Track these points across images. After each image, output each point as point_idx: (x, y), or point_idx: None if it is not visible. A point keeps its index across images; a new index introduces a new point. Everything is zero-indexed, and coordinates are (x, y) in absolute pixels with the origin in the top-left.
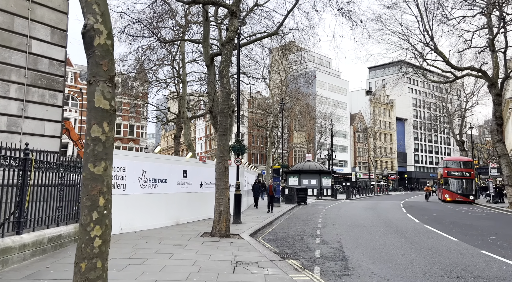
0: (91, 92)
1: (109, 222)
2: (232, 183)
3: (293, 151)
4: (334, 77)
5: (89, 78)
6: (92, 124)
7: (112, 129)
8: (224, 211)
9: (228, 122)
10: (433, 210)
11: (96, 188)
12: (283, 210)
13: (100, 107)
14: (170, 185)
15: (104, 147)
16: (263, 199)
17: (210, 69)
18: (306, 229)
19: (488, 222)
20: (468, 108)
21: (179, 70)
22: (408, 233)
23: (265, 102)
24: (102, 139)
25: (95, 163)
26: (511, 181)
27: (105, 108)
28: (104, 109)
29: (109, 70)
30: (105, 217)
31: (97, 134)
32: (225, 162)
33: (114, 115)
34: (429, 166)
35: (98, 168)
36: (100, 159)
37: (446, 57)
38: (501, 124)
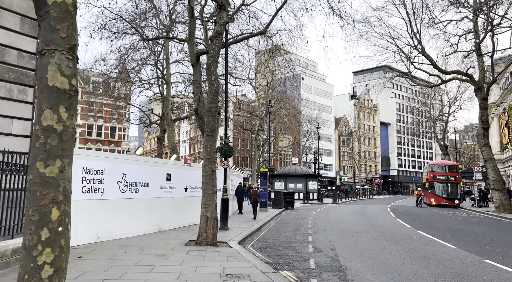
0: (43, 66)
1: (66, 243)
2: (219, 187)
3: (279, 155)
4: (319, 81)
5: (41, 47)
6: (43, 109)
7: (72, 117)
8: (211, 217)
9: (216, 122)
10: (421, 215)
11: (47, 195)
12: (271, 214)
13: (56, 86)
14: (153, 189)
15: (60, 139)
16: (248, 203)
17: (196, 68)
18: (296, 235)
19: (479, 227)
20: (451, 113)
21: (163, 70)
22: (403, 240)
23: (251, 105)
24: (58, 130)
25: (47, 161)
26: (497, 185)
27: (63, 88)
28: (61, 89)
29: (68, 38)
30: (59, 236)
31: (50, 123)
32: (212, 164)
33: (75, 98)
34: (412, 170)
35: (51, 168)
36: (55, 156)
37: (433, 60)
38: (487, 129)
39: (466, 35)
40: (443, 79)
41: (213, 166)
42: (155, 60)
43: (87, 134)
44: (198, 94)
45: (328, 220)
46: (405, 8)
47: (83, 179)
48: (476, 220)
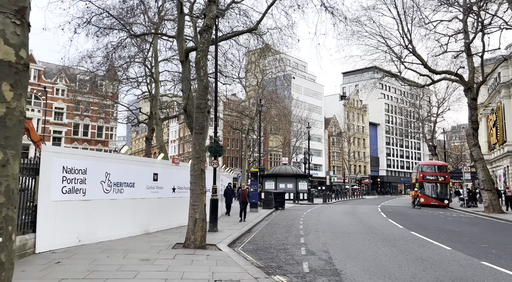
0: None
1: (8, 258)
2: (208, 187)
3: (269, 155)
4: (309, 82)
5: None
6: None
7: (20, 97)
8: (199, 219)
9: (205, 119)
10: (412, 215)
11: None
12: (262, 215)
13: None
14: (139, 189)
15: (2, 125)
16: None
17: (185, 66)
18: (288, 237)
19: (471, 227)
20: (439, 113)
21: (152, 68)
22: (397, 241)
23: (241, 105)
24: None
25: None
26: (486, 185)
27: (7, 60)
28: (5, 61)
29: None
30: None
31: None
32: (201, 163)
33: (25, 74)
34: (401, 170)
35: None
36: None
37: (424, 60)
38: (477, 129)
39: (456, 35)
40: (433, 79)
41: (202, 165)
42: (144, 58)
43: (73, 134)
44: (187, 91)
45: (319, 221)
46: (396, 8)
47: (63, 178)
48: (467, 220)
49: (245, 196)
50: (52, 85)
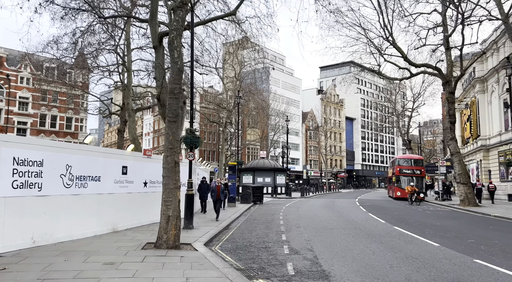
0: None
1: None
2: (183, 182)
3: (246, 148)
4: (287, 75)
5: None
6: None
7: None
8: (173, 216)
9: (179, 106)
10: (391, 209)
11: None
12: (240, 210)
13: None
14: (105, 183)
15: None
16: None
17: (158, 51)
18: (269, 233)
19: (452, 221)
20: (414, 108)
21: (124, 57)
22: (382, 237)
23: (218, 97)
24: None
25: None
26: (462, 178)
27: None
28: None
29: None
30: None
31: None
32: (175, 155)
33: None
34: (375, 164)
35: None
36: None
37: (404, 52)
38: (454, 122)
39: (435, 28)
40: (411, 73)
41: (176, 157)
42: (115, 45)
43: (40, 125)
44: (161, 79)
45: (299, 216)
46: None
47: (14, 171)
48: (445, 214)
49: (220, 192)
50: (16, 73)
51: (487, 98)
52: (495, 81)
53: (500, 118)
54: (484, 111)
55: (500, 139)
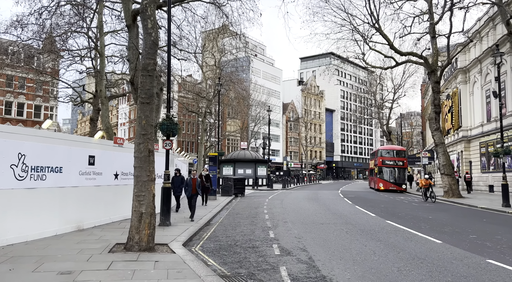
0: None
1: None
2: (159, 173)
3: (226, 140)
4: (268, 65)
5: None
6: None
7: None
8: (146, 213)
9: (153, 85)
10: (377, 201)
11: None
12: (221, 203)
13: None
14: (68, 175)
15: None
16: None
17: (132, 31)
18: (255, 230)
19: (442, 214)
20: (395, 99)
21: (96, 42)
22: (377, 233)
23: (197, 86)
24: None
25: None
26: (447, 169)
27: None
28: None
29: None
30: None
31: None
32: (148, 142)
33: None
34: (354, 156)
35: None
36: None
37: (390, 40)
38: (439, 113)
39: (422, 16)
40: (397, 62)
41: (150, 145)
42: (87, 27)
43: (5, 113)
44: (135, 61)
45: (285, 209)
46: None
47: None
48: (432, 206)
49: (196, 186)
50: None
51: (469, 89)
52: (477, 72)
53: (482, 109)
54: (466, 102)
55: (482, 130)
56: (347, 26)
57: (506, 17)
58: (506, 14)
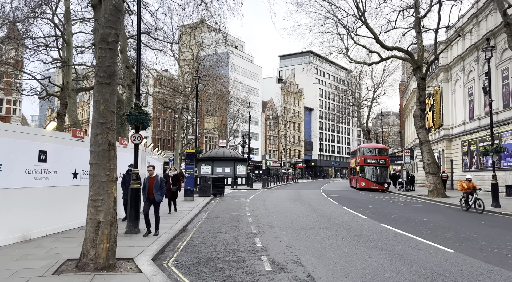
0: None
1: None
2: (122, 171)
3: (204, 137)
4: (247, 62)
5: None
6: None
7: None
8: (105, 222)
9: (115, 62)
10: (362, 201)
11: None
12: (199, 205)
13: None
14: (9, 174)
15: None
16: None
17: (98, 11)
18: (238, 237)
19: (437, 216)
20: (375, 98)
21: (63, 31)
22: (378, 240)
23: (173, 81)
24: None
25: None
26: (432, 168)
27: None
28: None
29: None
30: None
31: None
32: (108, 133)
33: None
34: (332, 155)
35: None
36: None
37: (376, 34)
38: (424, 110)
39: (408, 10)
40: (382, 57)
41: (111, 136)
42: (52, 14)
43: None
44: None
45: (269, 211)
46: None
47: None
48: (421, 207)
49: (153, 188)
50: None
51: (451, 87)
52: (460, 70)
53: (465, 107)
54: (447, 100)
55: (464, 128)
56: (332, 19)
57: (503, 7)
58: (503, 3)
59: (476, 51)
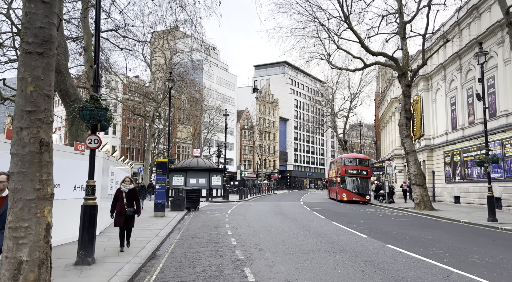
0: None
1: None
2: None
3: (177, 147)
4: (222, 70)
5: None
6: None
7: None
8: (30, 263)
9: (53, 23)
10: (349, 215)
11: None
12: (171, 222)
13: None
14: None
15: None
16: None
17: None
18: (223, 267)
19: (440, 233)
20: (351, 108)
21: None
22: (397, 269)
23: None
24: None
25: None
26: (418, 179)
27: None
28: None
29: None
30: None
31: None
32: (41, 128)
33: None
34: (306, 165)
35: None
36: None
37: (361, 38)
38: (410, 118)
39: (392, 14)
40: (365, 63)
41: (44, 133)
42: (6, 8)
43: None
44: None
45: (253, 228)
46: None
47: None
48: (413, 221)
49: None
50: None
51: (431, 96)
52: (441, 79)
53: (447, 117)
54: (428, 110)
55: (447, 139)
56: (314, 21)
57: (505, 6)
58: (505, 1)
59: (459, 60)
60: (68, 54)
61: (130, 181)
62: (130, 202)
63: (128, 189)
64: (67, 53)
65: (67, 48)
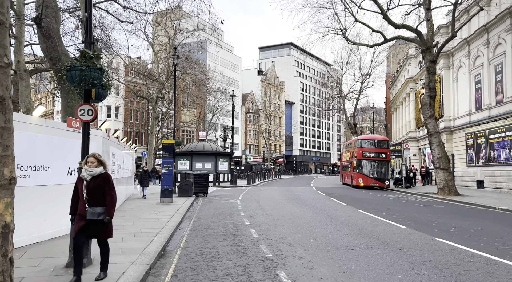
0: None
1: None
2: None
3: (181, 131)
4: (226, 52)
5: None
6: None
7: None
8: None
9: None
10: (372, 201)
11: None
12: (180, 210)
13: None
14: None
15: None
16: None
17: None
18: (250, 269)
19: (484, 222)
20: (362, 89)
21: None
22: (470, 273)
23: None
24: None
25: None
26: (442, 163)
27: None
28: None
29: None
30: None
31: None
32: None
33: None
34: (312, 150)
35: None
36: None
37: (383, 8)
38: (434, 97)
39: None
40: (386, 37)
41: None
42: None
43: None
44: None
45: (272, 218)
46: None
47: None
48: (444, 207)
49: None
50: None
51: (452, 75)
52: (464, 55)
53: (470, 96)
54: (448, 89)
55: (470, 119)
56: None
57: None
58: None
59: (486, 34)
60: (59, 17)
61: (98, 161)
62: (95, 198)
63: (92, 176)
64: (58, 15)
65: (58, 10)
